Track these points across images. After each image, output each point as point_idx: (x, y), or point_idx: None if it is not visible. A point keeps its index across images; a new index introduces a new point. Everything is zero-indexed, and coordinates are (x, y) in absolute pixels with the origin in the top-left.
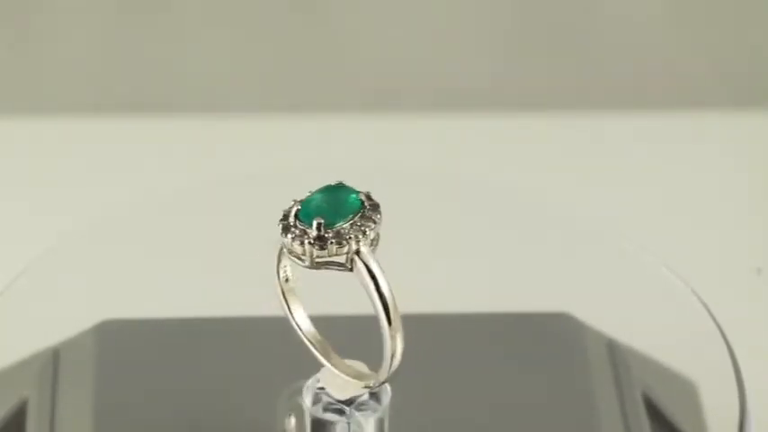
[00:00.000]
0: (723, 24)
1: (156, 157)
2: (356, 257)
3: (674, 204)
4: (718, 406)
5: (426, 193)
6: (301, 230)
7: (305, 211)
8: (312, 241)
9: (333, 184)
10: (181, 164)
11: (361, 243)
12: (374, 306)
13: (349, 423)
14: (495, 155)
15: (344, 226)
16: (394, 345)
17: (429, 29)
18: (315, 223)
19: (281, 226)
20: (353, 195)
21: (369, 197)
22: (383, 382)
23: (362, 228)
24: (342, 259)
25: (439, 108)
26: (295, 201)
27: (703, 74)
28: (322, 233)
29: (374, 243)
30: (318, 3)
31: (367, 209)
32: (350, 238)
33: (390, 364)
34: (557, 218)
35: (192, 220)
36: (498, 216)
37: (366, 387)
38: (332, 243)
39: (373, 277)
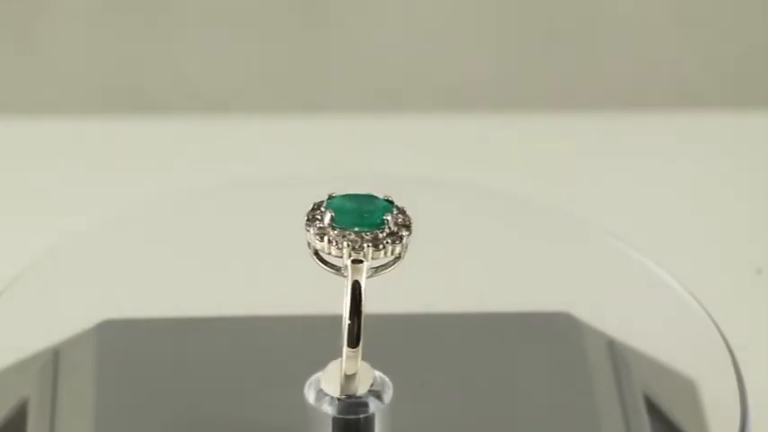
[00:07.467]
0: (723, 24)
1: (156, 157)
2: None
3: (674, 204)
4: (718, 405)
5: (426, 193)
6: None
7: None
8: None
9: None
10: (181, 164)
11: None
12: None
13: (361, 419)
14: (495, 155)
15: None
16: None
17: (429, 29)
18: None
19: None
20: (377, 199)
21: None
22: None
23: (406, 222)
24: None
25: (439, 108)
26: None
27: (703, 74)
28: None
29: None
30: (319, 3)
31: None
32: (402, 236)
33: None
34: (557, 218)
35: (192, 221)
36: (498, 216)
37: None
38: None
39: None
